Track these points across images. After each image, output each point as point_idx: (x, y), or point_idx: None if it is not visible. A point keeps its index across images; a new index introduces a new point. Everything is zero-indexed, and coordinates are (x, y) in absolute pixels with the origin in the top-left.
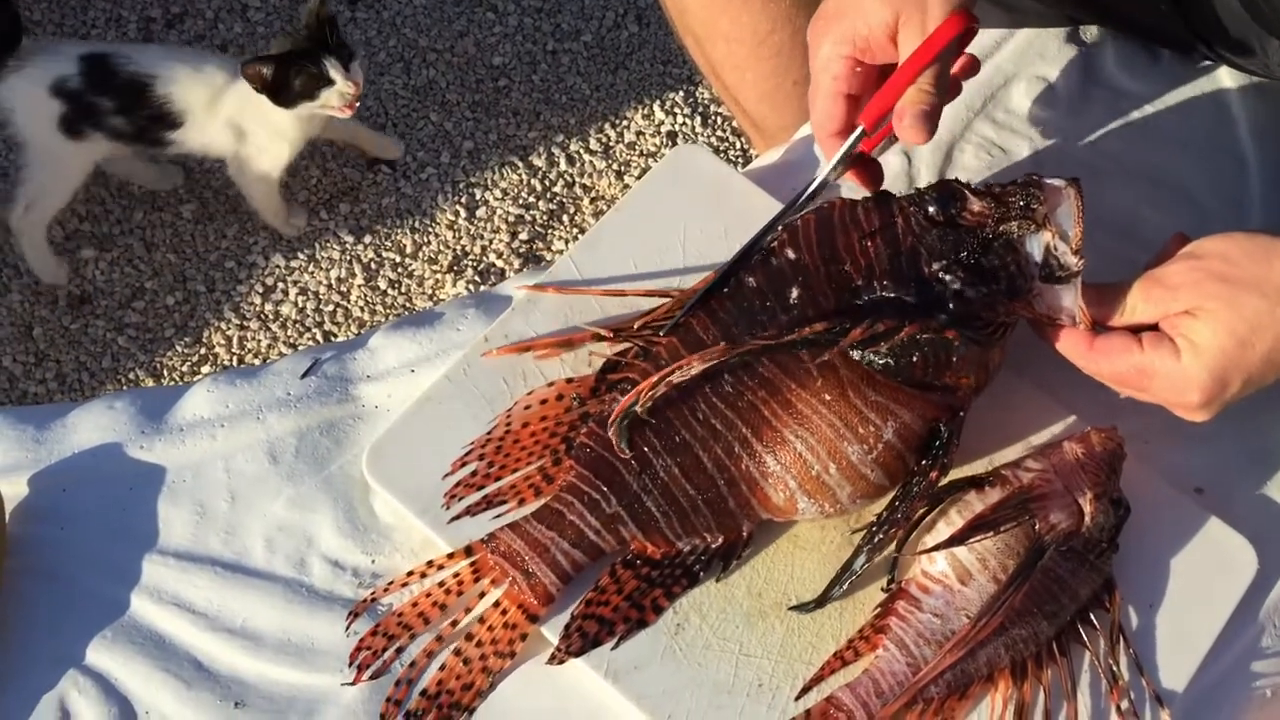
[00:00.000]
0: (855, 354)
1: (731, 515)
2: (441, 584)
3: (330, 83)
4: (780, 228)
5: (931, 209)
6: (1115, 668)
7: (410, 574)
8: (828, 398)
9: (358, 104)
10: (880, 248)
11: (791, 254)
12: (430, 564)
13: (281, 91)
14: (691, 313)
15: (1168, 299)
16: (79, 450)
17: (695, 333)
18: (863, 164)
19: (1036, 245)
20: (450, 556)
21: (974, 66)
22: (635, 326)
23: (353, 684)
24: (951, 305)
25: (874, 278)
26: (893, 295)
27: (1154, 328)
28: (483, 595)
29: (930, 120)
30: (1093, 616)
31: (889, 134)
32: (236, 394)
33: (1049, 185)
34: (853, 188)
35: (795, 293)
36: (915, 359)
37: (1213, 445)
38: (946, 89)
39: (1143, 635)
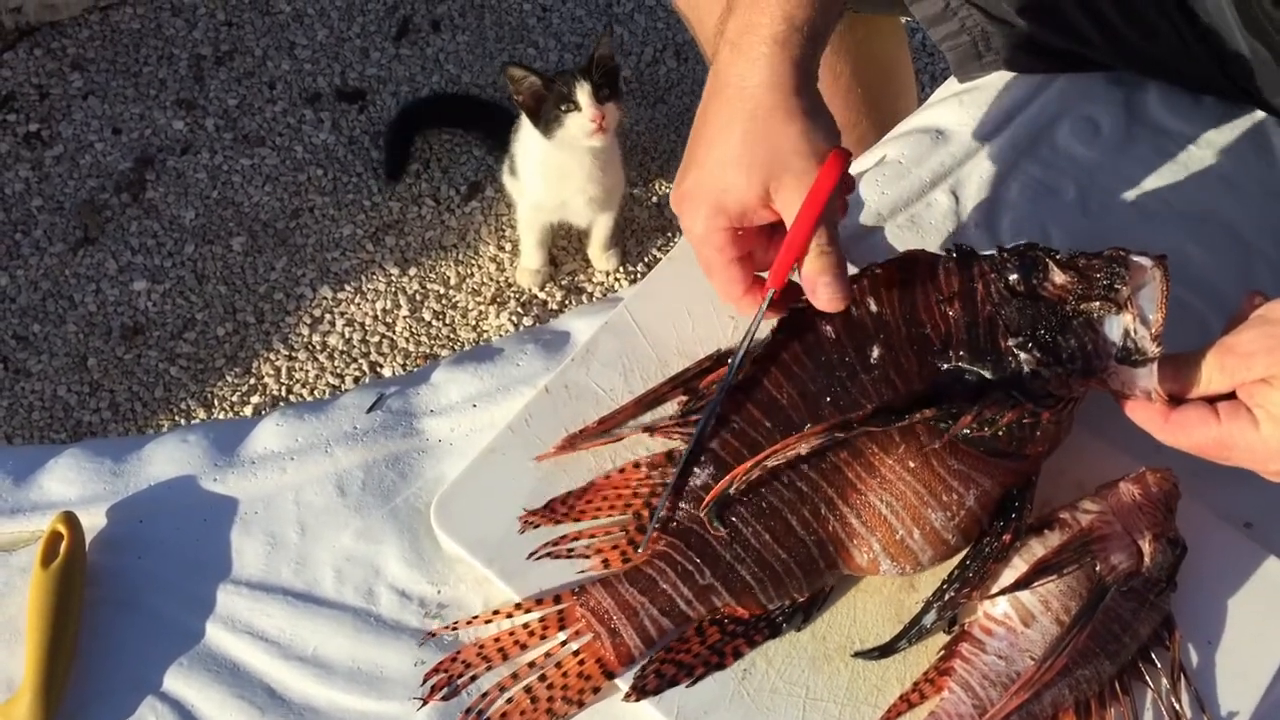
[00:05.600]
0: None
1: (821, 575)
2: (526, 626)
3: (577, 107)
4: (861, 272)
5: (1013, 277)
6: (1177, 705)
7: (496, 612)
8: (912, 464)
9: (605, 133)
10: (959, 314)
11: (873, 306)
12: (518, 606)
13: (539, 112)
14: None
15: (1242, 368)
16: (155, 482)
17: (768, 391)
18: (778, 303)
19: (1116, 328)
20: (539, 603)
21: (850, 186)
22: (701, 384)
23: (425, 702)
24: (1025, 381)
25: (951, 345)
26: (970, 367)
27: (1230, 394)
28: (564, 644)
29: (843, 281)
30: (1153, 655)
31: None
32: (305, 428)
33: (1134, 263)
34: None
35: (877, 351)
36: (1002, 433)
37: (1260, 480)
38: (838, 238)
39: (1202, 672)
